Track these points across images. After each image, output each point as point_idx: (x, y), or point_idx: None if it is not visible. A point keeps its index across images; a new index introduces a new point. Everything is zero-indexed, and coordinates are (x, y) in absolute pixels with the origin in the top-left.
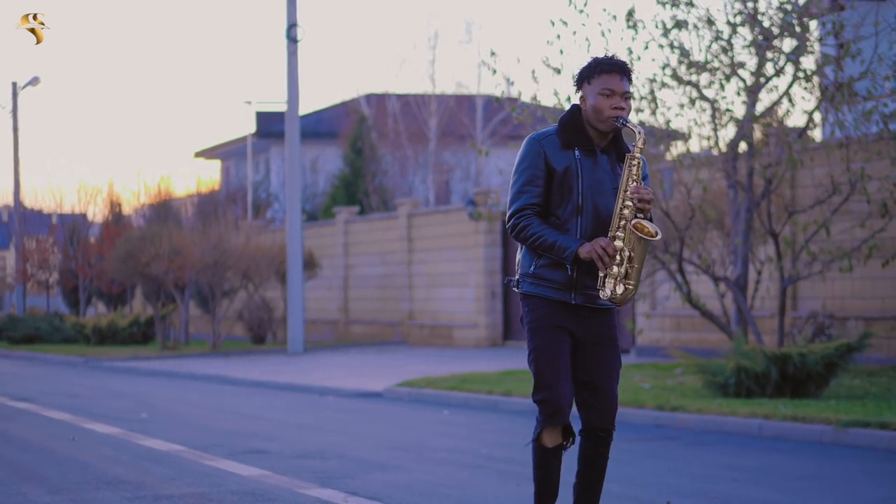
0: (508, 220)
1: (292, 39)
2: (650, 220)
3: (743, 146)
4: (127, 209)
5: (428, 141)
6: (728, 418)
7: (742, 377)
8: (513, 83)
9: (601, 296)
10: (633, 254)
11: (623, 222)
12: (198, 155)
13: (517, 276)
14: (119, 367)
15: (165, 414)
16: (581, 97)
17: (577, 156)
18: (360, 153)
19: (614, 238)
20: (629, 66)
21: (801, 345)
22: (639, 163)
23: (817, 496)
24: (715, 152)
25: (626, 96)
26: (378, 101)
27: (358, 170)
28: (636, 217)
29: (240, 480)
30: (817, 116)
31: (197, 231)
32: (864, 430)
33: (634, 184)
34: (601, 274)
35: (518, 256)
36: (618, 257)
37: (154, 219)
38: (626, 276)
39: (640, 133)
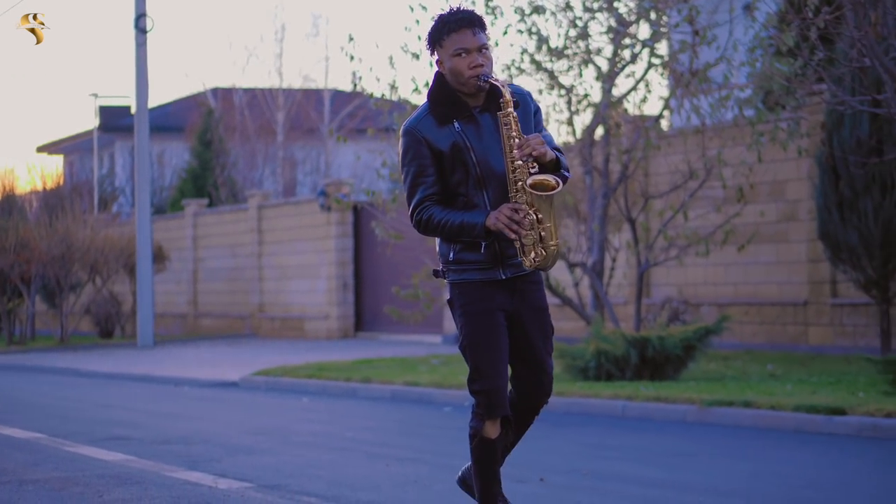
0: (412, 219)
1: (141, 30)
2: (559, 166)
3: (599, 132)
4: None
5: (276, 134)
6: (591, 400)
7: (602, 360)
8: (371, 69)
9: (525, 266)
10: (539, 214)
11: (520, 184)
12: (40, 150)
13: (441, 267)
14: None
15: (20, 404)
16: (438, 61)
17: (458, 128)
18: (208, 145)
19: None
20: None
21: (660, 328)
22: (513, 118)
23: (687, 471)
24: (571, 138)
25: (484, 49)
26: (225, 94)
27: (206, 162)
28: (531, 174)
29: (104, 465)
30: (674, 102)
31: (43, 224)
32: (727, 409)
33: (517, 140)
34: (516, 244)
35: (437, 248)
36: (526, 221)
37: None
38: (542, 238)
39: (503, 86)
